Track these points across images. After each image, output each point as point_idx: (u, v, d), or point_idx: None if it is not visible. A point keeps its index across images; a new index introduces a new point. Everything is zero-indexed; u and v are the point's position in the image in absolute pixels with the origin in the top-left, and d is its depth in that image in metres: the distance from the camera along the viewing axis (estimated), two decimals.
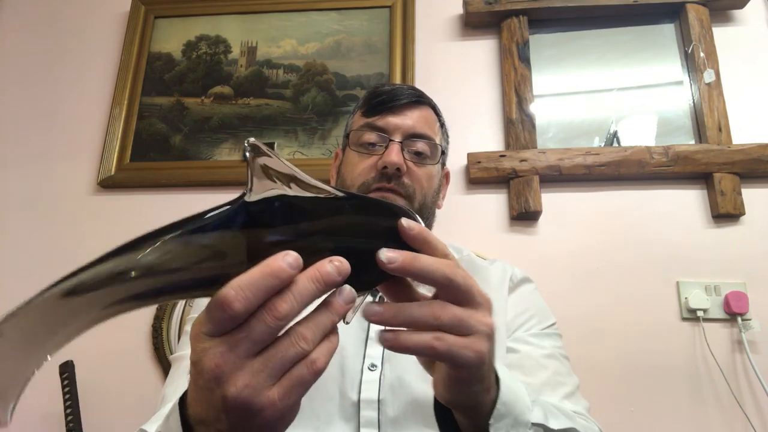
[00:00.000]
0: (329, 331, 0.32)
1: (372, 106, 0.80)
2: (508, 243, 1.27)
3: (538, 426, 0.49)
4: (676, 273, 1.21)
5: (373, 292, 0.75)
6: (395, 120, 0.78)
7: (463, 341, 0.37)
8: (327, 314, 0.32)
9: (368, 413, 0.64)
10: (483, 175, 1.29)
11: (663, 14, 1.42)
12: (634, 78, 1.39)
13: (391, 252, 0.35)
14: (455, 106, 1.31)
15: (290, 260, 0.31)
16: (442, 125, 0.86)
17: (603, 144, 1.33)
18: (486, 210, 1.30)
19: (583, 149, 1.29)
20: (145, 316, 1.29)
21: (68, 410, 1.13)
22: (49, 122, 1.51)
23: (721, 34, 1.36)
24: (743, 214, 1.22)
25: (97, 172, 1.41)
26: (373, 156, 0.78)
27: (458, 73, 1.43)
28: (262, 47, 1.50)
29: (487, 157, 1.29)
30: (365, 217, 0.36)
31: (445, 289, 0.37)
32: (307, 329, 0.31)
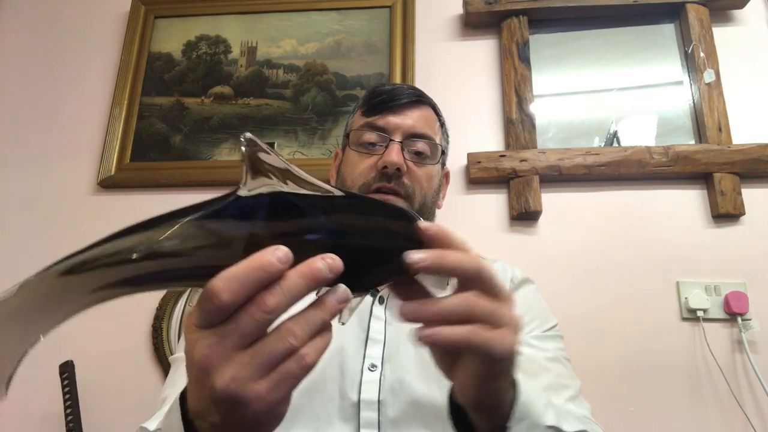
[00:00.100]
0: (320, 329, 0.32)
1: (372, 106, 0.80)
2: (508, 243, 1.27)
3: (552, 429, 0.50)
4: (676, 273, 1.21)
5: (374, 292, 0.75)
6: (395, 120, 0.78)
7: (496, 334, 0.37)
8: (318, 312, 0.32)
9: (368, 414, 0.63)
10: (483, 175, 1.29)
11: (663, 14, 1.42)
12: (634, 78, 1.39)
13: (417, 253, 0.35)
14: (455, 106, 1.30)
15: (279, 255, 0.30)
16: (443, 125, 0.86)
17: (603, 144, 1.33)
18: (486, 210, 1.30)
19: (583, 149, 1.29)
20: (145, 316, 1.29)
21: (68, 410, 1.13)
22: (49, 122, 1.51)
23: (721, 34, 1.36)
24: (743, 214, 1.22)
25: (97, 172, 1.41)
26: (373, 156, 0.78)
27: (458, 73, 1.43)
28: (262, 47, 1.50)
29: (487, 157, 1.29)
30: (363, 217, 0.36)
31: (473, 282, 0.37)
32: (297, 325, 0.31)
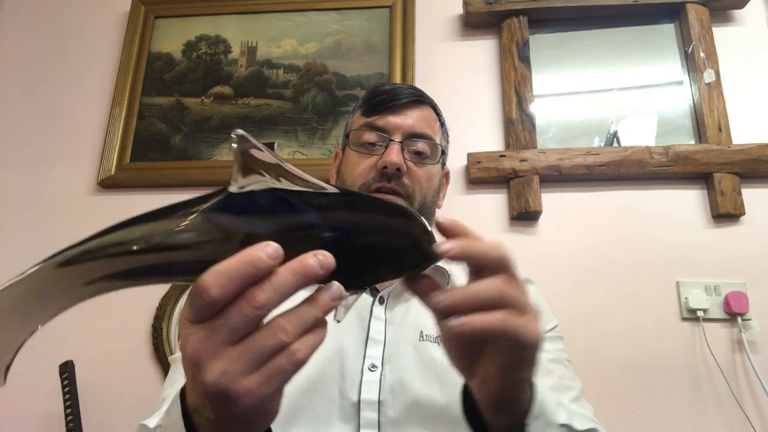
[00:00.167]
0: (313, 325, 0.32)
1: (372, 106, 0.80)
2: (508, 243, 1.26)
3: (564, 427, 0.50)
4: (676, 273, 1.21)
5: (373, 291, 0.75)
6: (395, 120, 0.78)
7: (524, 320, 0.37)
8: (310, 308, 0.32)
9: (368, 414, 0.63)
10: (483, 175, 1.29)
11: (663, 14, 1.42)
12: (634, 78, 1.39)
13: (444, 244, 0.36)
14: (455, 106, 1.30)
15: (269, 250, 0.30)
16: (443, 125, 0.86)
17: (603, 144, 1.33)
18: (486, 210, 1.30)
19: (583, 149, 1.29)
20: (145, 316, 1.29)
21: (68, 410, 1.13)
22: (49, 122, 1.51)
23: (721, 34, 1.36)
24: (743, 214, 1.22)
25: (97, 172, 1.41)
26: (373, 156, 0.77)
27: (458, 73, 1.43)
28: (262, 47, 1.50)
29: (487, 157, 1.29)
30: (358, 214, 0.35)
31: (496, 269, 0.38)
32: (288, 321, 0.31)
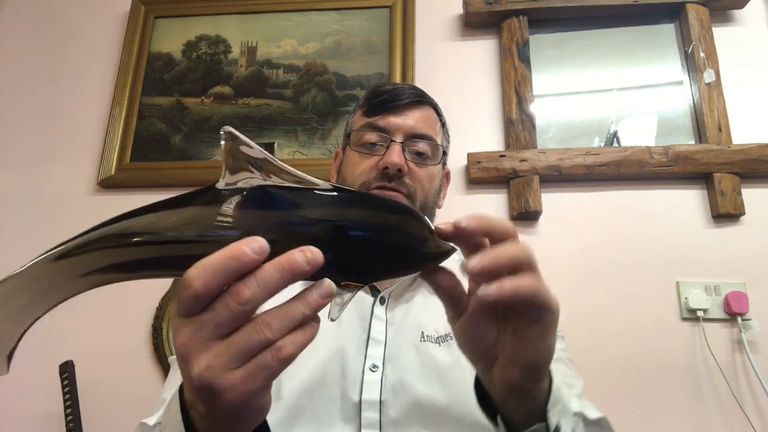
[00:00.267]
0: (300, 322, 0.32)
1: (373, 106, 0.80)
2: None
3: (578, 415, 0.50)
4: (676, 273, 1.21)
5: (374, 291, 0.75)
6: (396, 120, 0.78)
7: (544, 283, 0.38)
8: (298, 305, 0.32)
9: (369, 414, 0.63)
10: (483, 175, 1.29)
11: (663, 14, 1.42)
12: (634, 78, 1.39)
13: (463, 221, 0.36)
14: (455, 106, 1.30)
15: (254, 245, 0.30)
16: (443, 125, 0.86)
17: (603, 144, 1.33)
18: (486, 210, 1.30)
19: (583, 149, 1.29)
20: (145, 316, 1.29)
21: (68, 410, 1.13)
22: (49, 122, 1.51)
23: (721, 34, 1.36)
24: (743, 214, 1.22)
25: (97, 172, 1.41)
26: (374, 156, 0.77)
27: (458, 73, 1.43)
28: (262, 47, 1.50)
29: (487, 157, 1.30)
30: (351, 209, 0.35)
31: (505, 236, 0.39)
32: (274, 318, 0.31)
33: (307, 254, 0.31)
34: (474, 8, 1.41)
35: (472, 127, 1.37)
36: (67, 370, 1.16)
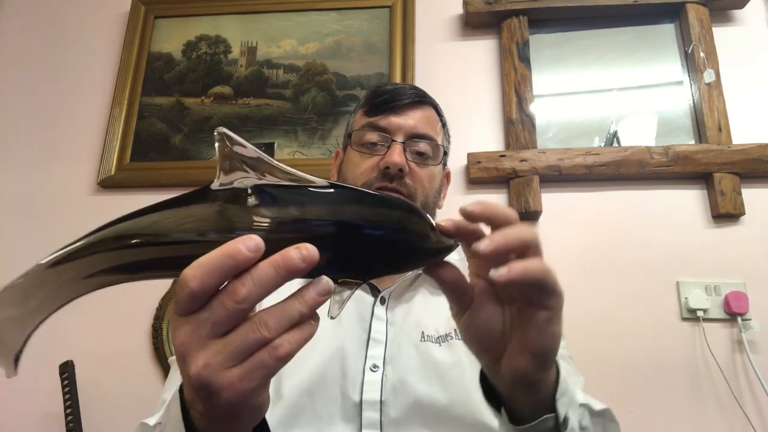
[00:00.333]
0: (298, 321, 0.32)
1: (374, 106, 0.80)
2: None
3: (584, 406, 0.51)
4: (676, 273, 1.21)
5: (374, 291, 0.75)
6: (397, 120, 0.78)
7: (551, 267, 0.38)
8: (295, 303, 0.32)
9: (370, 414, 0.63)
10: (483, 175, 1.29)
11: (663, 14, 1.42)
12: (634, 78, 1.39)
13: (469, 206, 0.37)
14: (455, 106, 1.30)
15: (249, 243, 0.30)
16: (444, 125, 0.86)
17: (603, 144, 1.33)
18: None
19: (583, 149, 1.29)
20: (145, 316, 1.29)
21: (68, 410, 1.13)
22: (49, 122, 1.51)
23: (721, 34, 1.36)
24: (743, 214, 1.22)
25: (97, 172, 1.41)
26: (375, 156, 0.77)
27: (458, 73, 1.43)
28: (262, 47, 1.50)
29: (487, 157, 1.30)
30: (347, 206, 0.35)
31: (508, 222, 0.39)
32: (271, 316, 0.31)
33: (303, 251, 0.31)
34: (474, 8, 1.41)
35: (472, 127, 1.37)
36: (67, 370, 1.16)
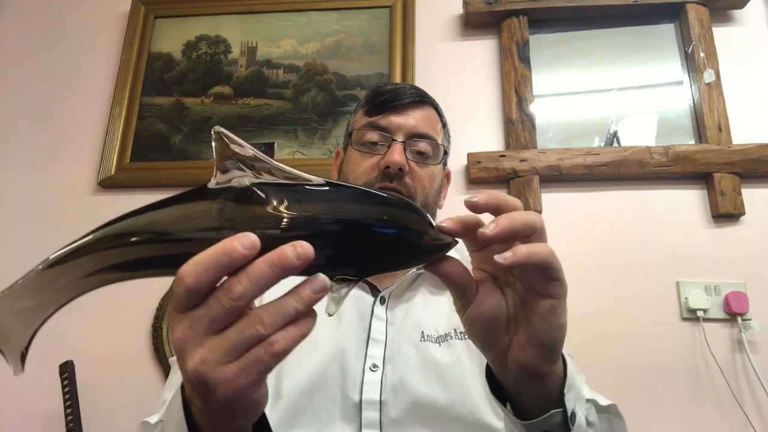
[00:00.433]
0: (293, 317, 0.32)
1: (375, 105, 0.80)
2: None
3: (590, 401, 0.51)
4: (676, 273, 1.21)
5: (374, 291, 0.75)
6: (398, 119, 0.78)
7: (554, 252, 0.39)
8: (291, 300, 0.32)
9: (370, 414, 0.64)
10: (483, 175, 1.29)
11: (663, 14, 1.42)
12: (634, 78, 1.39)
13: (475, 196, 0.38)
14: (455, 106, 1.30)
15: (244, 241, 0.31)
16: (444, 125, 0.86)
17: (603, 144, 1.33)
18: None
19: (583, 149, 1.29)
20: (145, 316, 1.29)
21: (68, 410, 1.12)
22: (49, 122, 1.51)
23: (721, 34, 1.36)
24: (743, 214, 1.22)
25: (97, 172, 1.41)
26: (375, 155, 0.77)
27: (458, 73, 1.43)
28: (262, 47, 1.50)
29: (487, 157, 1.30)
30: (343, 204, 0.35)
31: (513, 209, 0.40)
32: (267, 313, 0.31)
33: (298, 249, 0.31)
34: (474, 8, 1.41)
35: (472, 127, 1.37)
36: (67, 370, 1.16)
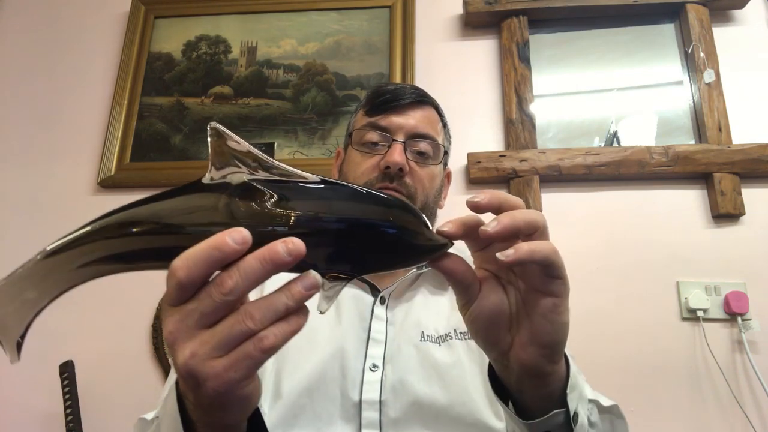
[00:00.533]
0: (284, 314, 0.32)
1: (375, 106, 0.80)
2: None
3: (592, 402, 0.51)
4: (676, 273, 1.21)
5: (374, 291, 0.75)
6: (398, 120, 0.78)
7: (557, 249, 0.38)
8: (281, 297, 0.32)
9: (370, 414, 0.64)
10: (483, 175, 1.29)
11: (663, 14, 1.42)
12: (634, 78, 1.39)
13: (477, 196, 0.37)
14: (455, 106, 1.30)
15: (235, 236, 0.31)
16: (445, 125, 0.86)
17: (603, 144, 1.33)
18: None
19: (583, 149, 1.29)
20: (145, 316, 1.29)
21: (68, 410, 1.12)
22: (49, 122, 1.51)
23: (721, 34, 1.36)
24: (743, 214, 1.22)
25: (97, 172, 1.41)
26: (376, 156, 0.77)
27: (458, 73, 1.43)
28: (262, 47, 1.50)
29: (487, 157, 1.30)
30: (338, 203, 0.35)
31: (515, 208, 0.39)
32: (257, 309, 0.32)
33: (289, 245, 0.31)
34: (474, 8, 1.41)
35: (472, 127, 1.37)
36: (67, 370, 1.16)
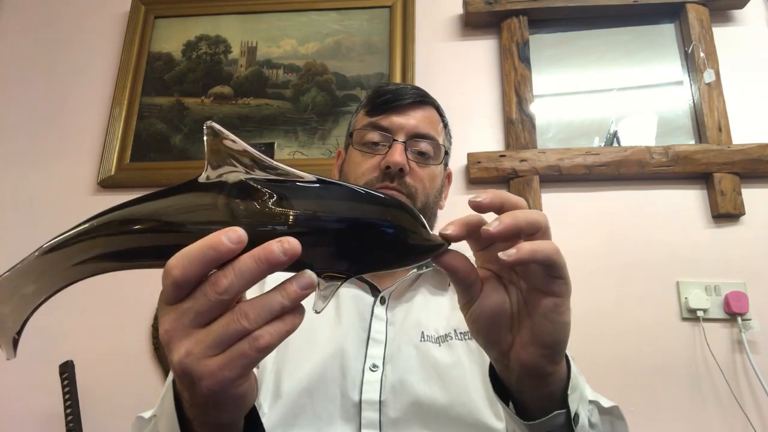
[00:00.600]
0: (278, 313, 0.32)
1: (376, 106, 0.80)
2: None
3: (593, 403, 0.51)
4: (676, 273, 1.21)
5: (374, 291, 0.75)
6: (399, 120, 0.78)
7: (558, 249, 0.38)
8: (276, 296, 0.32)
9: (369, 414, 0.64)
10: (483, 175, 1.29)
11: (663, 14, 1.42)
12: (634, 78, 1.39)
13: (479, 196, 0.37)
14: (455, 106, 1.30)
15: (231, 235, 0.31)
16: (446, 125, 0.86)
17: (603, 144, 1.33)
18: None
19: (583, 149, 1.29)
20: (145, 316, 1.29)
21: (68, 410, 1.12)
22: (49, 122, 1.51)
23: (721, 34, 1.36)
24: (743, 214, 1.22)
25: (97, 172, 1.41)
26: (377, 156, 0.77)
27: (458, 73, 1.43)
28: (262, 47, 1.50)
29: (487, 157, 1.30)
30: (334, 202, 0.34)
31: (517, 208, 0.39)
32: (252, 308, 0.32)
33: (284, 245, 0.31)
34: (474, 8, 1.41)
35: (472, 127, 1.37)
36: (67, 370, 1.16)
